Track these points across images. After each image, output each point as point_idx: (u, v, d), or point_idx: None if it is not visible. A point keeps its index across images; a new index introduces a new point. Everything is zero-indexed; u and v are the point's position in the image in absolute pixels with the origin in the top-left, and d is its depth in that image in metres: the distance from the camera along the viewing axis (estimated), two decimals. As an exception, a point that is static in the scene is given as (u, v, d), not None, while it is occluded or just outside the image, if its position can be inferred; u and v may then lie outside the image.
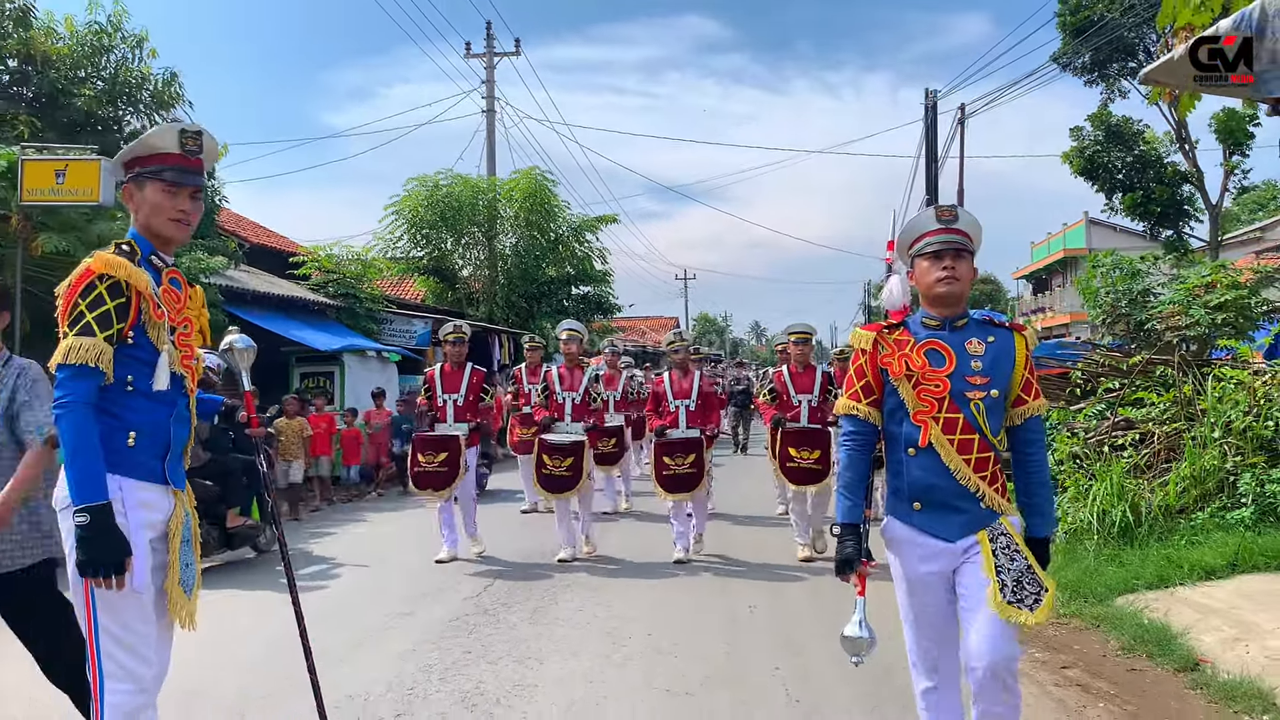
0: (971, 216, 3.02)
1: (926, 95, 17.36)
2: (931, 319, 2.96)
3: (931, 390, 2.84)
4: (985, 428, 2.84)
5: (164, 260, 2.69)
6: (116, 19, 14.24)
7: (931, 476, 2.85)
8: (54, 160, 9.53)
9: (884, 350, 2.94)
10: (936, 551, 2.86)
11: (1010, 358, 2.90)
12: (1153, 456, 7.23)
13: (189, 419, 2.71)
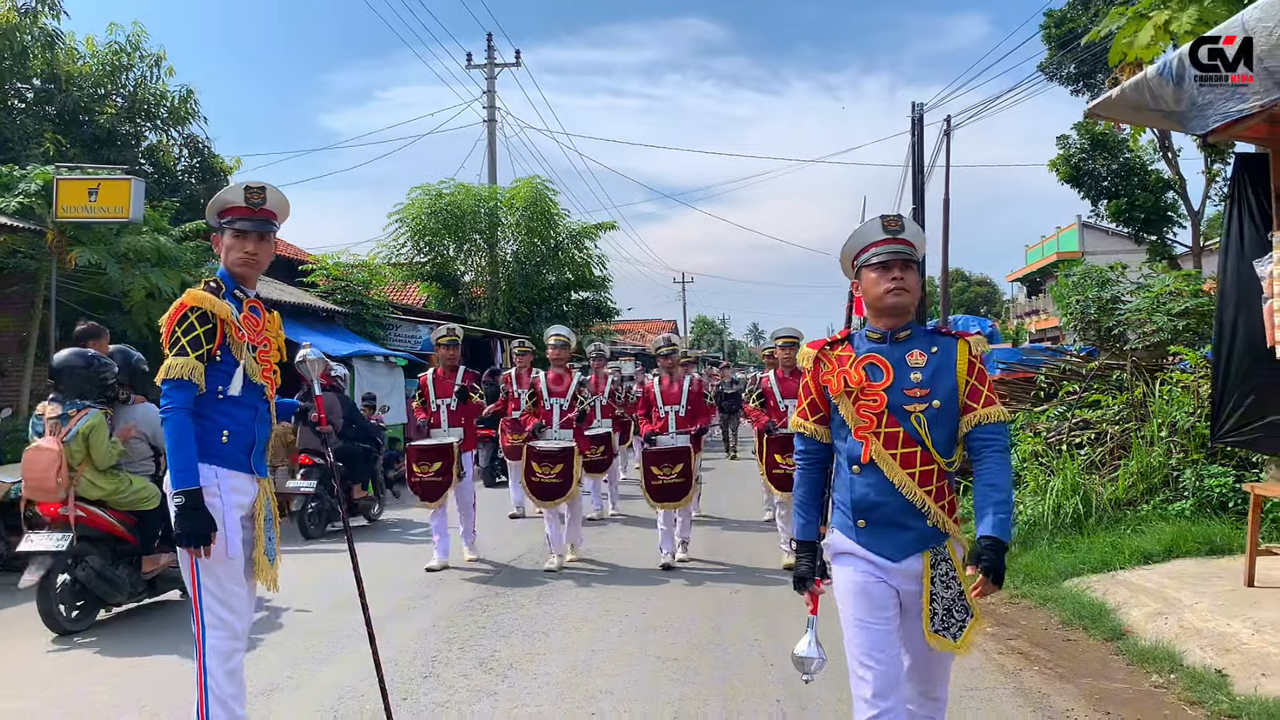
0: (916, 226, 3.00)
1: (913, 108, 17.98)
2: (874, 332, 2.91)
3: (869, 405, 2.79)
4: (928, 440, 2.77)
5: (244, 292, 3.33)
6: (135, 39, 14.89)
7: (876, 493, 2.79)
8: (87, 180, 10.17)
9: (825, 367, 2.92)
10: (885, 569, 2.80)
11: (951, 368, 2.82)
12: (1106, 454, 7.89)
13: (270, 420, 3.36)
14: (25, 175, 10.34)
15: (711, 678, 4.70)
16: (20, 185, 10.19)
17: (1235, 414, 6.31)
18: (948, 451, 2.81)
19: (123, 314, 11.28)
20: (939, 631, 2.75)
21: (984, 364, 2.89)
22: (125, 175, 10.27)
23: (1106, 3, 25.97)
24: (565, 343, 8.09)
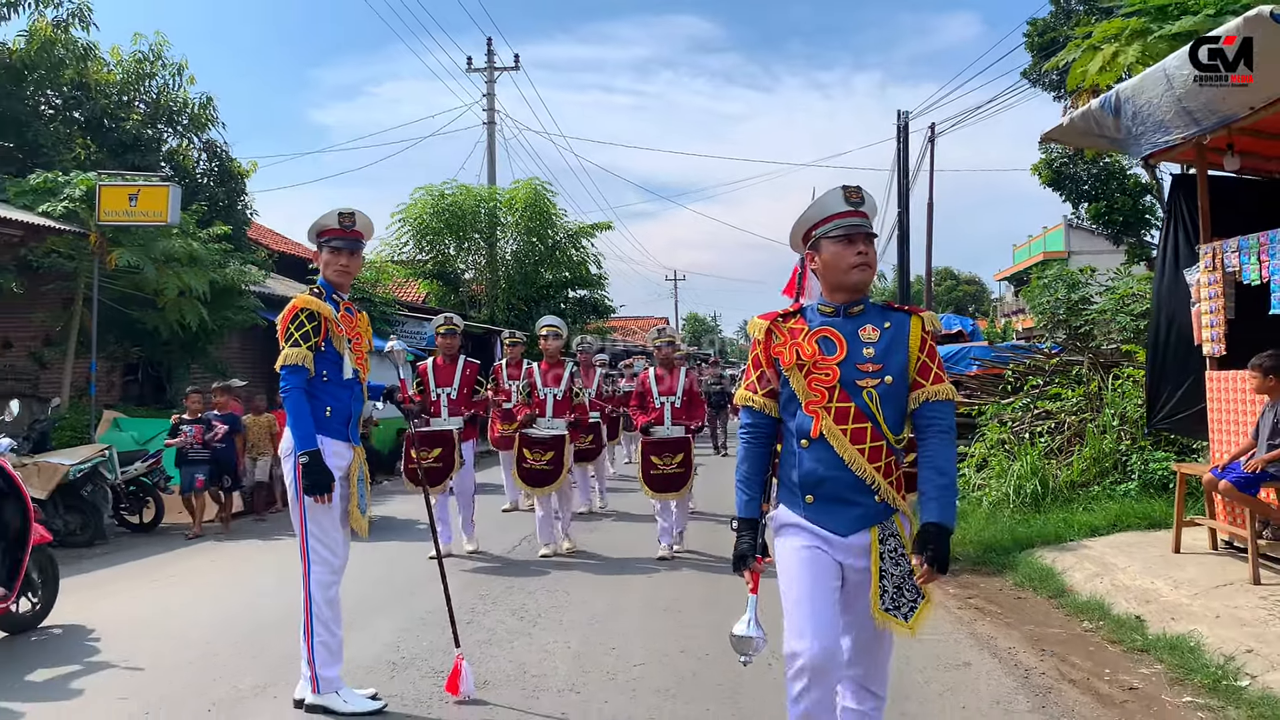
0: (872, 198, 2.93)
1: (899, 116, 18.79)
2: (827, 305, 2.86)
3: (821, 379, 2.74)
4: (879, 416, 2.73)
5: (341, 297, 4.13)
6: (157, 49, 15.61)
7: (824, 469, 2.73)
8: (127, 186, 10.94)
9: (777, 339, 2.85)
10: (830, 544, 2.76)
11: (904, 343, 2.77)
12: (1064, 441, 8.74)
13: (362, 399, 4.16)
14: (69, 181, 11.07)
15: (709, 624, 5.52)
16: (65, 191, 10.92)
17: (1168, 404, 7.18)
18: (898, 428, 2.78)
19: (155, 310, 12.00)
20: (889, 610, 2.69)
21: (935, 341, 2.86)
22: (163, 183, 11.03)
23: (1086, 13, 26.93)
24: (558, 333, 8.12)
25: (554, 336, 8.07)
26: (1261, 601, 5.21)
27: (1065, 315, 12.43)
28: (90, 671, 4.71)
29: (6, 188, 11.25)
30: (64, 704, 4.24)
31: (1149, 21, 7.82)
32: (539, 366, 8.01)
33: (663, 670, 4.63)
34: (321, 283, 4.11)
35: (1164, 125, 5.92)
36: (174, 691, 4.32)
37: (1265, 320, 6.04)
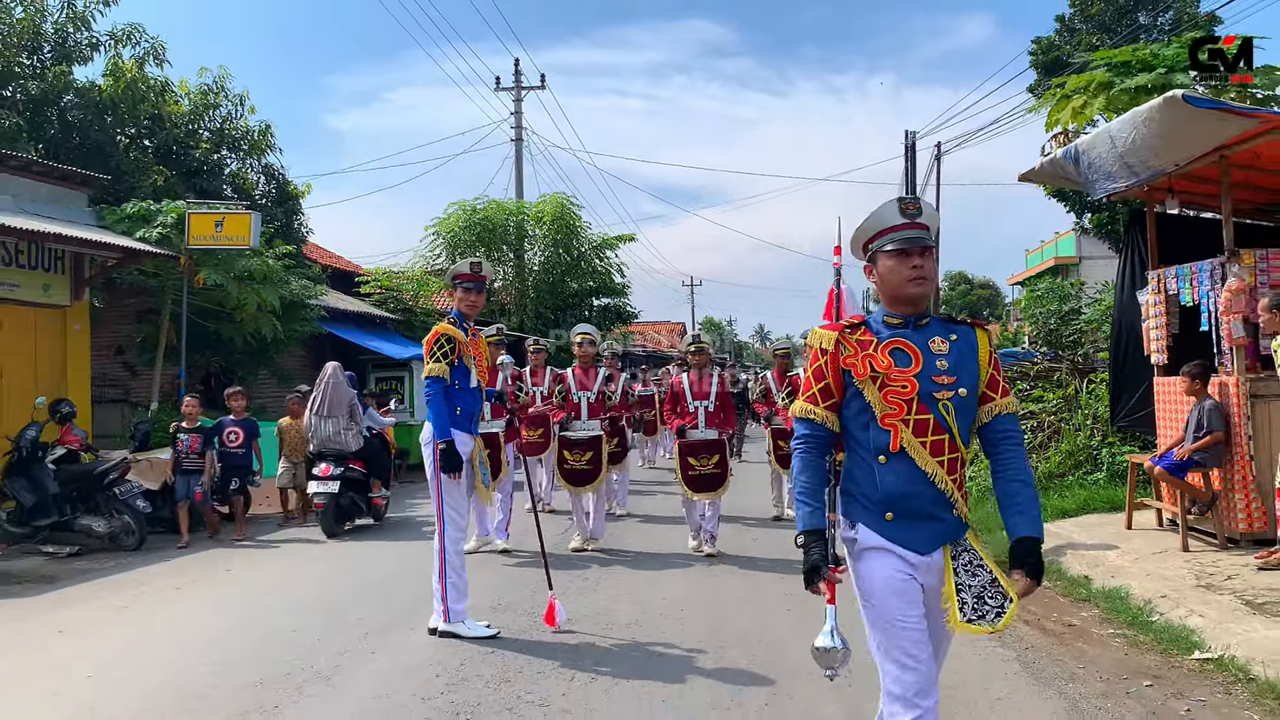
0: (931, 207, 2.90)
1: (906, 136, 20.02)
2: (894, 318, 2.83)
3: (899, 391, 2.72)
4: (955, 428, 2.73)
5: (468, 324, 5.45)
6: (221, 81, 16.98)
7: (906, 484, 2.70)
8: (213, 213, 12.31)
9: (846, 351, 2.81)
10: (912, 566, 2.71)
11: (974, 355, 2.79)
12: (1045, 438, 9.98)
13: (481, 401, 5.47)
14: (161, 210, 12.43)
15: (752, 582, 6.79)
16: (158, 218, 12.28)
17: (1128, 405, 8.44)
18: (968, 440, 2.78)
19: (231, 323, 13.37)
20: (971, 621, 2.63)
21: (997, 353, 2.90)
22: (247, 210, 12.40)
23: (1088, 32, 28.14)
24: (591, 340, 8.46)
25: (589, 343, 8.43)
26: (1185, 564, 6.46)
27: (1056, 325, 13.69)
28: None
29: (104, 215, 12.60)
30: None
31: (1113, 75, 9.07)
32: (573, 371, 8.39)
33: (708, 613, 5.91)
34: (454, 314, 5.44)
35: (1112, 175, 7.16)
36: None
37: (1199, 335, 7.30)
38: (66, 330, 12.01)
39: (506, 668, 4.76)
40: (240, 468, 9.90)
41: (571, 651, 5.06)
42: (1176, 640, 5.11)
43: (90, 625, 5.94)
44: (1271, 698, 4.21)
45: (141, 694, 4.47)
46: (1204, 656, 4.83)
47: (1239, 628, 5.05)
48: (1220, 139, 6.37)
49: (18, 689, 4.62)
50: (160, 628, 5.88)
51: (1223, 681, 4.51)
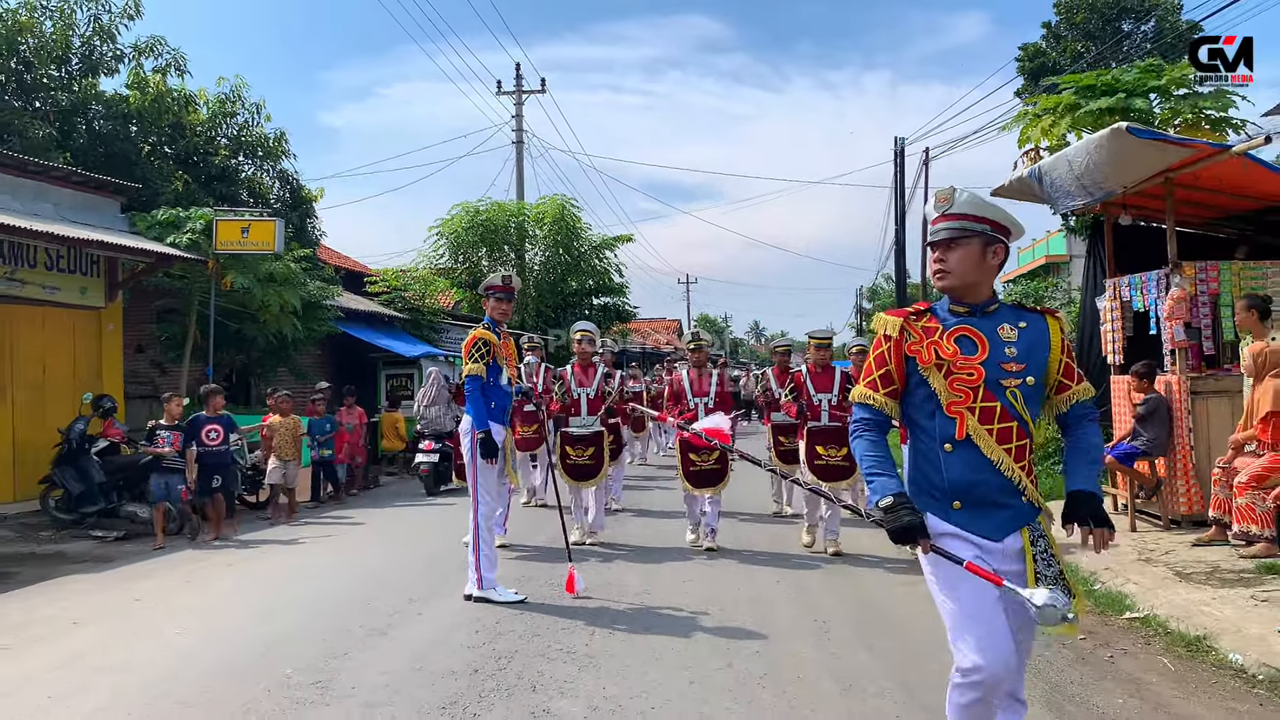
0: (970, 195, 2.85)
1: (895, 143, 20.83)
2: (959, 305, 2.83)
3: (965, 379, 2.70)
4: (1025, 415, 2.72)
5: (501, 328, 6.22)
6: (237, 90, 17.70)
7: (973, 472, 2.70)
8: (239, 220, 13.06)
9: (911, 337, 2.80)
10: (984, 553, 2.70)
11: (1045, 343, 2.78)
12: (1016, 431, 10.77)
13: (512, 397, 6.26)
14: (190, 216, 13.16)
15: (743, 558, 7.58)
16: (188, 225, 13.02)
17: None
18: (1036, 427, 2.80)
19: (255, 322, 14.11)
20: None
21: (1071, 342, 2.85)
22: (271, 217, 13.16)
23: (1073, 39, 28.95)
24: (590, 337, 8.60)
25: (587, 341, 8.55)
26: (1131, 542, 7.27)
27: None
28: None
29: (136, 221, 13.34)
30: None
31: (1079, 98, 9.86)
32: (573, 368, 8.54)
33: (708, 586, 6.71)
34: (488, 320, 6.23)
35: (1070, 194, 7.97)
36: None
37: (1151, 337, 8.11)
38: (101, 330, 12.78)
39: (535, 625, 5.55)
40: (221, 466, 9.72)
41: (590, 613, 5.85)
42: (1113, 603, 5.92)
43: (163, 594, 6.72)
44: (1180, 645, 5.02)
45: (231, 645, 5.25)
46: (1133, 616, 5.64)
47: (1165, 593, 5.86)
48: (1163, 164, 7.17)
49: (124, 644, 5.40)
50: (225, 595, 6.66)
51: (1145, 635, 5.32)
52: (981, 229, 2.77)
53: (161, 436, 9.49)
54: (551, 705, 4.17)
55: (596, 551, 8.14)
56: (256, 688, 4.44)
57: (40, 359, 11.74)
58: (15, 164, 11.64)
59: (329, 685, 4.46)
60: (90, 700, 4.36)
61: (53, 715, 4.18)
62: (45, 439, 10.94)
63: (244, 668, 4.80)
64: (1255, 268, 7.67)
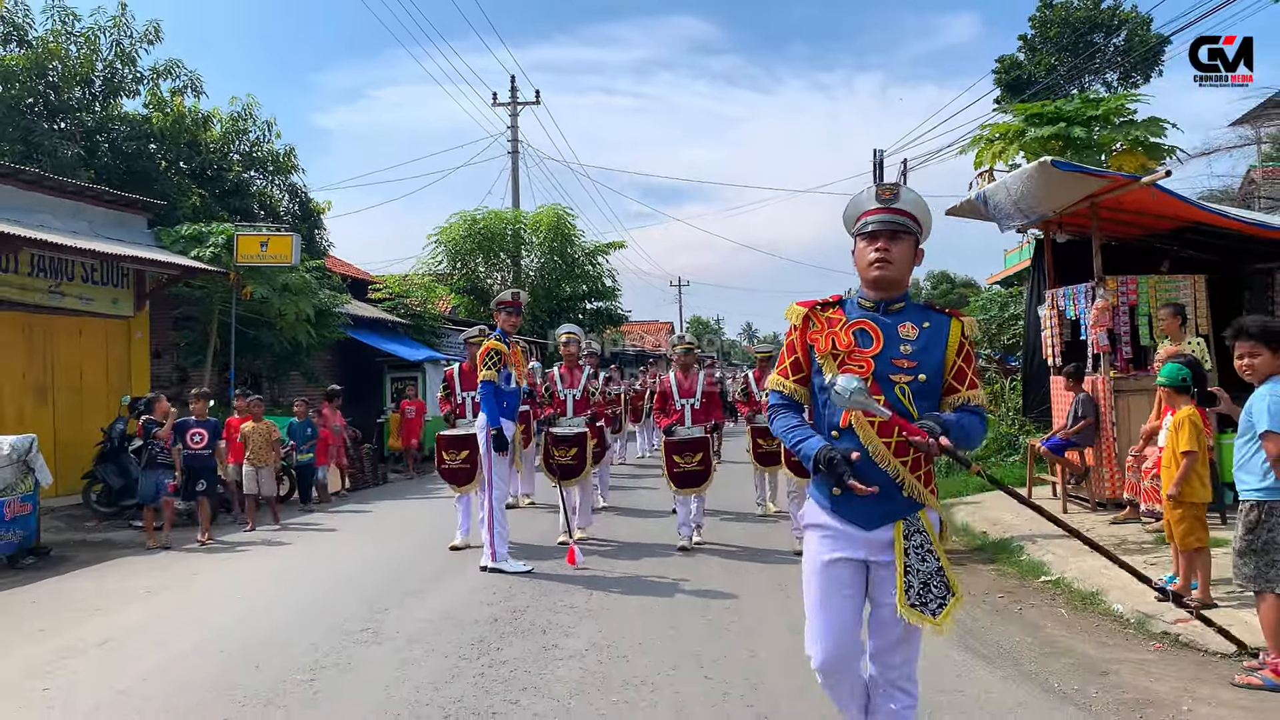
0: (915, 195, 2.92)
1: (874, 154, 21.88)
2: (866, 300, 2.89)
3: (855, 370, 2.75)
4: (912, 411, 2.75)
5: (511, 338, 7.21)
6: (248, 109, 18.68)
7: None
8: (258, 235, 14.06)
9: (814, 326, 2.88)
10: (853, 540, 2.79)
11: (942, 344, 2.83)
12: (974, 427, 11.84)
13: (521, 397, 7.27)
14: (212, 231, 14.15)
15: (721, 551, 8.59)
16: (210, 239, 14.00)
17: (1034, 398, 10.29)
18: None
19: (271, 329, 15.10)
20: (915, 605, 2.68)
21: (973, 346, 2.91)
22: (289, 232, 14.16)
23: (1047, 52, 30.07)
24: (576, 340, 8.75)
25: (573, 343, 8.71)
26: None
27: (996, 330, 15.59)
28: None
29: (161, 236, 14.32)
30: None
31: (1026, 124, 10.93)
32: (559, 370, 8.68)
33: (691, 562, 7.72)
34: (499, 331, 7.23)
35: (1010, 215, 9.00)
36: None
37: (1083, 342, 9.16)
38: (130, 338, 13.76)
39: (542, 588, 6.57)
40: (206, 469, 9.65)
41: (587, 579, 6.88)
42: (1032, 570, 6.96)
43: (217, 569, 7.73)
44: (1077, 600, 6.07)
45: (289, 604, 6.26)
46: (1046, 579, 6.69)
47: (1076, 561, 6.90)
48: (1085, 192, 8.22)
49: (198, 605, 6.40)
50: (273, 570, 7.68)
51: (1052, 594, 6.36)
52: (916, 230, 2.90)
53: (156, 432, 9.46)
54: (558, 643, 5.19)
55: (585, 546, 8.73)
56: (318, 632, 5.46)
57: (78, 365, 12.71)
58: (55, 185, 12.62)
59: (378, 630, 5.48)
60: (188, 640, 5.39)
61: (165, 651, 5.16)
62: (84, 438, 11.94)
63: (304, 619, 5.82)
64: (1170, 281, 8.73)
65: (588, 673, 4.67)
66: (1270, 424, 4.20)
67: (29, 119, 15.27)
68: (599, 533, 8.99)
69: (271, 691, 4.43)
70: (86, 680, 4.72)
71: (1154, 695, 4.35)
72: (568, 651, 5.04)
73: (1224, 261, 9.81)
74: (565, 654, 4.99)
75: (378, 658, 4.97)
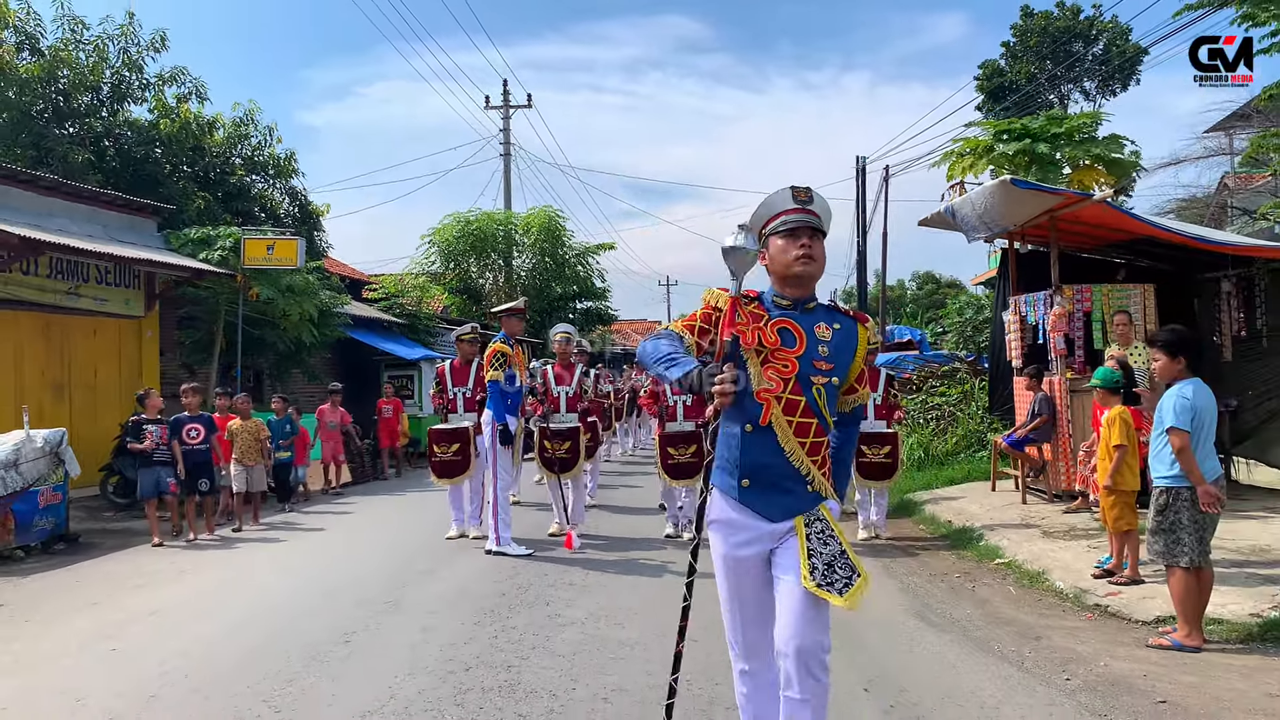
0: (824, 199, 2.98)
1: (857, 161, 22.56)
2: (782, 299, 2.93)
3: (780, 370, 2.80)
4: (825, 412, 2.85)
5: (514, 340, 7.86)
6: (250, 114, 19.24)
7: (765, 456, 2.83)
8: (265, 239, 14.65)
9: (739, 318, 2.90)
10: (759, 533, 2.86)
11: (852, 348, 2.92)
12: (945, 424, 12.55)
13: (523, 394, 7.92)
14: (219, 235, 14.73)
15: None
16: (218, 242, 14.59)
17: (999, 396, 11.00)
18: (829, 425, 2.91)
19: (274, 329, 15.69)
20: (823, 586, 2.72)
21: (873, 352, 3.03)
22: (294, 236, 14.76)
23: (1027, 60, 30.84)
24: (569, 338, 9.03)
25: (565, 341, 8.99)
26: (1018, 512, 9.03)
27: (970, 333, 16.32)
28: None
29: (170, 239, 14.90)
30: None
31: (995, 140, 11.63)
32: (553, 368, 9.03)
33: (674, 549, 8.38)
34: (503, 335, 7.87)
35: (976, 228, 9.71)
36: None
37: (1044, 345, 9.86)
38: (141, 337, 14.34)
39: (544, 568, 7.24)
40: (203, 465, 9.58)
41: (584, 561, 7.54)
42: (989, 553, 7.66)
43: (247, 551, 8.36)
44: (1025, 578, 6.77)
45: (318, 582, 6.90)
46: (1001, 561, 7.38)
47: (1029, 545, 7.60)
48: (1043, 207, 8.92)
49: (236, 584, 7.04)
50: (297, 552, 8.32)
51: (1004, 574, 7.06)
52: (824, 232, 2.98)
53: (149, 431, 9.28)
54: (560, 613, 5.85)
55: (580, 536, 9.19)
56: (346, 605, 6.11)
57: (93, 363, 13.29)
58: (72, 190, 13.21)
59: (399, 603, 6.14)
60: (230, 611, 6.05)
61: (211, 620, 5.79)
62: (99, 433, 12.52)
63: (331, 594, 6.47)
64: (1121, 290, 9.44)
65: (587, 636, 5.33)
66: (1174, 421, 4.90)
67: (40, 125, 15.83)
68: (590, 528, 9.34)
69: (314, 649, 5.07)
70: (148, 641, 5.35)
71: (1079, 654, 5.03)
72: (569, 620, 5.70)
73: (1178, 271, 10.55)
74: (567, 621, 5.65)
75: (401, 624, 5.62)
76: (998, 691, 4.44)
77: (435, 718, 4.07)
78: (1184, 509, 5.00)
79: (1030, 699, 4.34)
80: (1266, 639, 5.11)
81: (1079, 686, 4.51)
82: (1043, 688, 4.49)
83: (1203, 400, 4.95)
